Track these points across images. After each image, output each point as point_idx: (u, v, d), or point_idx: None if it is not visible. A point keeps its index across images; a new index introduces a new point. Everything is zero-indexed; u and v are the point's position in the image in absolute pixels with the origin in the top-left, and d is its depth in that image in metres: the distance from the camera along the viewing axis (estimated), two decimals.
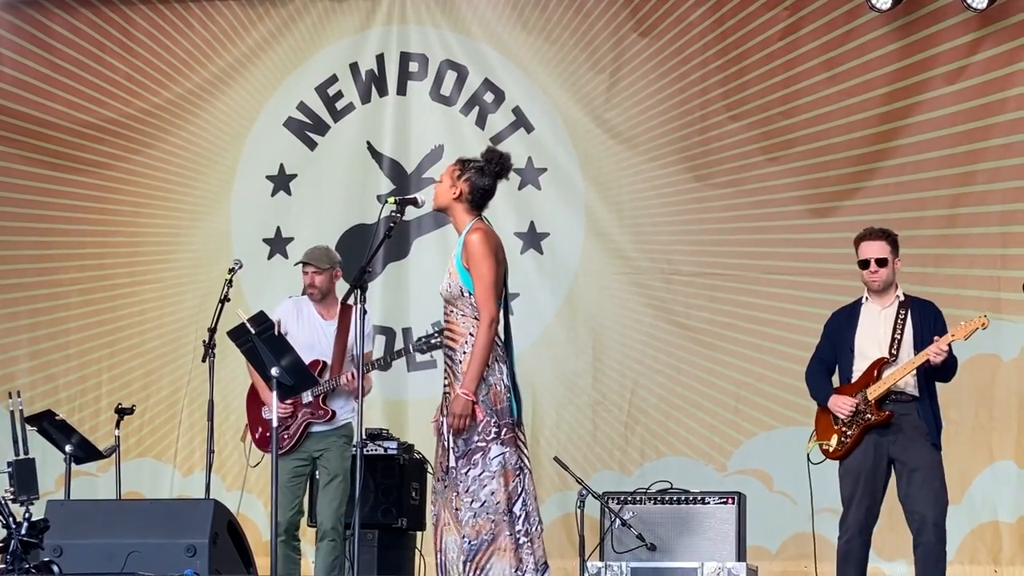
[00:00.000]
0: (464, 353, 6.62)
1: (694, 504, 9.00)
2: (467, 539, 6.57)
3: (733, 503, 8.96)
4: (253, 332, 7.36)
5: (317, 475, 8.84)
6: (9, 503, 6.63)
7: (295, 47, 11.07)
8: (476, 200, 6.74)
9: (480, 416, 6.57)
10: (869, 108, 10.05)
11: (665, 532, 8.96)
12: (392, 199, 7.05)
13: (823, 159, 10.15)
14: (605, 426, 10.37)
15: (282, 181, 11.05)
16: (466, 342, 6.63)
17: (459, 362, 6.63)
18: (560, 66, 10.67)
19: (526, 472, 6.65)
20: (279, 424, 8.78)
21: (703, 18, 10.39)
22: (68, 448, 9.05)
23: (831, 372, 7.98)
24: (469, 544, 6.57)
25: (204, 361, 8.82)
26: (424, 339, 8.79)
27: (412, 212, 9.54)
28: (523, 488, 6.62)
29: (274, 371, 7.40)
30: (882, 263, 7.82)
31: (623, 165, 10.50)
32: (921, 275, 9.52)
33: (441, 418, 6.68)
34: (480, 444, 6.60)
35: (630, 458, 10.30)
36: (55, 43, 11.30)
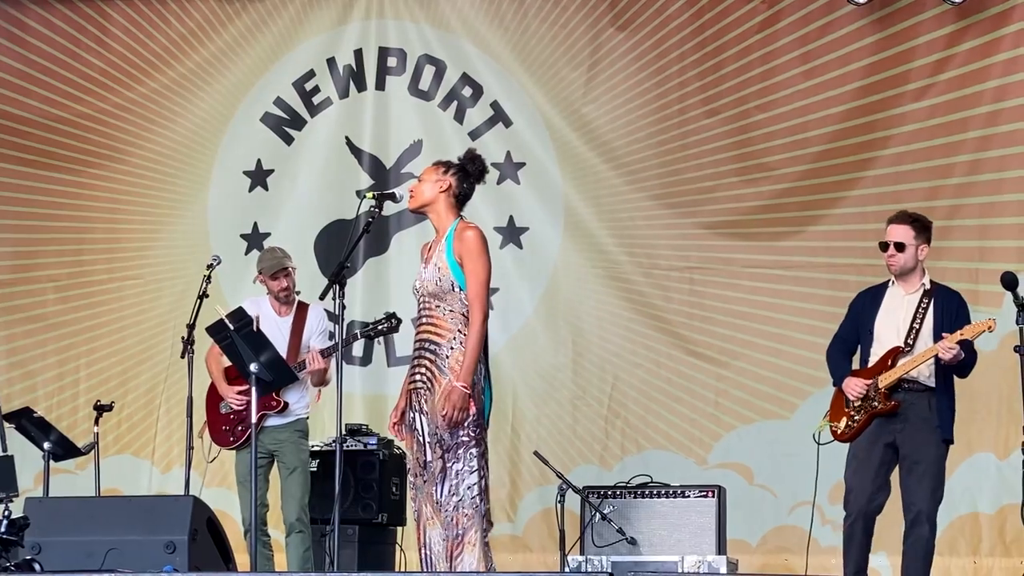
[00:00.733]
0: (452, 348, 6.67)
1: (674, 498, 9.00)
2: (447, 531, 6.64)
3: (713, 496, 8.95)
4: (232, 328, 7.35)
5: (278, 472, 8.84)
6: None
7: (273, 42, 11.03)
8: (461, 195, 6.83)
9: (473, 410, 6.66)
10: (847, 101, 10.06)
11: (645, 526, 8.97)
12: (370, 194, 7.06)
13: (800, 152, 10.15)
14: (585, 420, 10.36)
15: (259, 176, 11.01)
16: (454, 337, 6.67)
17: (445, 357, 6.67)
18: (538, 60, 10.65)
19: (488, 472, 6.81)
20: (234, 417, 8.80)
21: (681, 12, 10.38)
22: (46, 445, 9.04)
23: (851, 352, 7.87)
24: (446, 536, 6.63)
25: (183, 357, 8.84)
26: (372, 325, 8.80)
27: (391, 207, 9.53)
28: (487, 486, 6.76)
29: (253, 367, 7.39)
30: (900, 247, 7.68)
31: (601, 159, 10.49)
32: None
33: (412, 414, 6.73)
34: (464, 439, 6.68)
35: (610, 452, 10.29)
36: (30, 39, 11.23)
